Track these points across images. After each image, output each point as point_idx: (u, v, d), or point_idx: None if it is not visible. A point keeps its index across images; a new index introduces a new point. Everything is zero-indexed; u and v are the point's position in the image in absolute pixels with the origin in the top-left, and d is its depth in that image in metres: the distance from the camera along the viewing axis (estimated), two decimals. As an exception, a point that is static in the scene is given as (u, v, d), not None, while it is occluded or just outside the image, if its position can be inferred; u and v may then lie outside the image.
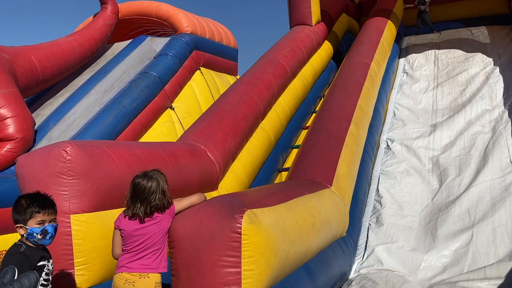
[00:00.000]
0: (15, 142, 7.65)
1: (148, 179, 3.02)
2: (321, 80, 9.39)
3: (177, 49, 10.36)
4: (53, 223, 2.74)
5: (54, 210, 2.78)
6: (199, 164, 4.81)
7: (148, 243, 2.89)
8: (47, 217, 2.71)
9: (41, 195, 2.79)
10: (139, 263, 2.88)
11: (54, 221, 2.75)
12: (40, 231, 2.67)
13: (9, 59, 8.27)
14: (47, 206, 2.73)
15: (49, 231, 2.70)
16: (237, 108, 6.08)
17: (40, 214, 2.69)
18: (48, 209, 2.73)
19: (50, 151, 3.43)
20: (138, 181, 3.03)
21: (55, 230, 2.75)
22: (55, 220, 2.77)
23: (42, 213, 2.70)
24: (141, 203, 2.95)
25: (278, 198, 3.34)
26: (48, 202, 2.77)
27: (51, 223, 2.73)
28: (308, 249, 3.56)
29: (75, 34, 10.46)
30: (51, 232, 2.72)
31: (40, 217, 2.69)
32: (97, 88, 9.74)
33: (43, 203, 2.74)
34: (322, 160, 5.18)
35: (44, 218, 2.70)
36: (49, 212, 2.73)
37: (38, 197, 2.76)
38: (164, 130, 9.76)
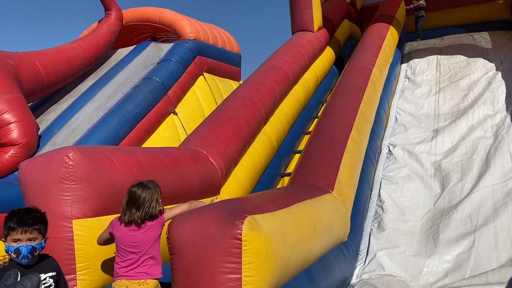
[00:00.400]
0: (19, 147, 7.70)
1: (143, 188, 3.17)
2: (323, 86, 9.42)
3: (181, 55, 10.43)
4: (31, 243, 2.52)
5: (36, 229, 2.54)
6: (201, 169, 4.83)
7: (141, 251, 3.00)
8: (23, 235, 2.51)
9: (26, 211, 2.60)
10: (136, 271, 2.98)
11: (34, 241, 2.53)
12: (13, 250, 2.52)
13: (13, 64, 8.35)
14: (23, 224, 2.52)
15: (21, 251, 2.50)
16: (239, 113, 6.11)
17: (15, 232, 2.52)
18: (25, 228, 2.51)
19: (52, 157, 3.46)
20: (134, 190, 3.18)
21: (30, 251, 2.52)
22: (36, 240, 2.54)
23: (17, 231, 2.52)
24: (136, 210, 3.10)
25: (279, 203, 3.35)
26: (27, 220, 2.54)
27: (29, 243, 2.51)
28: (309, 255, 3.56)
29: (79, 40, 10.55)
30: (24, 253, 2.51)
31: (14, 235, 2.53)
32: (100, 94, 9.81)
33: (21, 220, 2.53)
34: (323, 165, 5.19)
35: (19, 236, 2.51)
36: (26, 230, 2.51)
37: (20, 213, 2.58)
38: (167, 135, 9.81)
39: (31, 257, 2.56)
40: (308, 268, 3.56)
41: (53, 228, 3.35)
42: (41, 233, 2.59)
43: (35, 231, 2.56)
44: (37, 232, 2.57)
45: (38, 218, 2.60)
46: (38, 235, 2.57)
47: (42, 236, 2.60)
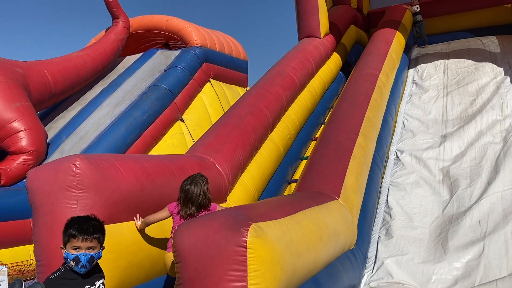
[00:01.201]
0: (27, 155, 7.79)
1: (195, 184, 3.66)
2: (330, 92, 9.40)
3: (187, 62, 10.50)
4: (90, 252, 2.54)
5: (96, 238, 2.57)
6: (208, 177, 4.82)
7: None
8: (83, 243, 2.53)
9: (86, 220, 2.63)
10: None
11: (92, 250, 2.56)
12: (73, 258, 2.52)
13: (22, 73, 8.46)
14: (84, 233, 2.54)
15: (81, 260, 2.52)
16: (246, 120, 6.11)
17: (75, 239, 2.54)
18: (86, 236, 2.53)
19: (59, 165, 3.48)
20: (187, 187, 3.66)
21: (89, 260, 2.54)
22: (95, 249, 2.57)
23: (77, 238, 2.54)
24: (192, 205, 3.59)
25: (284, 211, 3.34)
26: (88, 228, 2.57)
27: (88, 251, 2.54)
28: (316, 262, 3.54)
29: (87, 48, 10.67)
30: (83, 262, 2.52)
31: (75, 242, 2.54)
32: (108, 101, 9.90)
33: (82, 228, 2.55)
34: (329, 171, 5.16)
35: (79, 244, 2.53)
36: (87, 239, 2.54)
37: (81, 221, 2.60)
38: (174, 142, 9.85)
39: (89, 266, 2.57)
40: (315, 276, 3.53)
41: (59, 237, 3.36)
42: (99, 243, 2.62)
43: (95, 240, 2.58)
44: (97, 241, 2.59)
45: (97, 227, 2.62)
46: (97, 244, 2.60)
47: (100, 246, 2.62)
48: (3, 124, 7.70)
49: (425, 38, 11.91)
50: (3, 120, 7.68)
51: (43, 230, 3.42)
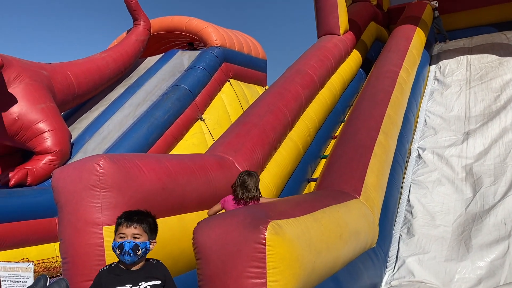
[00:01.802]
0: (52, 155, 7.99)
1: (250, 177, 4.20)
2: (350, 89, 9.33)
3: (207, 62, 10.58)
4: (135, 240, 2.48)
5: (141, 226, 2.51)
6: (228, 176, 4.87)
7: None
8: (127, 230, 2.49)
9: (136, 211, 2.62)
10: None
11: (137, 238, 2.49)
12: (118, 246, 2.48)
13: (47, 75, 8.68)
14: (129, 220, 2.51)
15: (125, 247, 2.45)
16: (265, 119, 6.13)
17: (121, 226, 2.52)
18: (131, 223, 2.49)
19: (83, 165, 3.57)
20: (244, 177, 4.20)
21: (133, 248, 2.46)
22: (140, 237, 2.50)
23: (122, 225, 2.51)
24: (245, 190, 4.13)
25: (303, 209, 3.35)
26: (134, 217, 2.53)
27: (133, 239, 2.47)
28: (336, 260, 3.53)
29: (109, 50, 10.86)
30: (126, 248, 2.45)
31: (120, 229, 2.52)
32: (130, 102, 10.06)
33: (128, 216, 2.53)
34: (350, 170, 5.14)
35: (124, 230, 2.49)
36: (131, 225, 2.49)
37: (130, 211, 2.59)
38: (195, 142, 9.95)
39: (133, 255, 2.48)
40: (335, 274, 3.53)
41: (84, 235, 3.46)
42: (145, 232, 2.54)
43: (139, 227, 2.52)
44: (142, 229, 2.52)
45: (144, 218, 2.57)
46: (143, 233, 2.52)
47: (147, 236, 2.54)
48: (29, 125, 7.92)
49: (445, 34, 11.70)
50: (29, 121, 7.90)
51: (68, 228, 3.51)
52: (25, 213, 6.97)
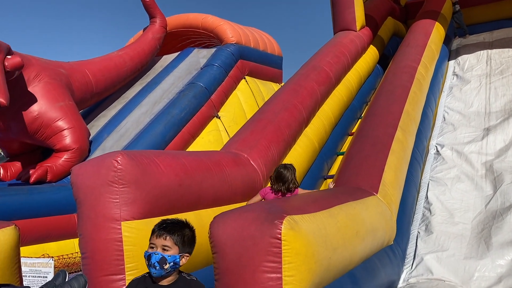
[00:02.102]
0: (71, 152, 8.12)
1: (287, 170, 4.42)
2: (367, 85, 9.24)
3: (223, 59, 10.60)
4: (164, 252, 2.30)
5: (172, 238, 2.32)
6: (243, 173, 4.89)
7: None
8: (157, 240, 2.32)
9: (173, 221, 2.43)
10: None
11: (166, 251, 2.31)
12: (146, 256, 2.32)
13: (66, 74, 8.82)
14: (162, 229, 2.33)
15: (151, 259, 2.28)
16: (280, 116, 6.12)
17: (153, 235, 2.36)
18: (162, 232, 2.32)
19: (102, 161, 3.62)
20: (281, 170, 4.42)
21: (160, 261, 2.28)
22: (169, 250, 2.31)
23: (154, 234, 2.36)
24: (282, 184, 4.37)
25: (319, 205, 3.33)
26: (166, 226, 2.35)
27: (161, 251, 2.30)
28: (352, 257, 3.51)
29: (126, 48, 10.97)
30: (153, 261, 2.28)
31: (152, 238, 2.35)
32: (147, 100, 10.15)
33: (161, 225, 2.36)
34: (367, 167, 5.10)
35: (154, 241, 2.33)
36: (161, 235, 2.31)
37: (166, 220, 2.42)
38: (211, 139, 9.99)
39: (159, 268, 2.30)
40: (351, 271, 3.51)
41: (102, 230, 3.51)
42: (177, 245, 2.35)
43: (170, 238, 2.34)
44: (172, 241, 2.34)
45: (177, 229, 2.38)
46: (173, 245, 2.34)
47: (178, 249, 2.35)
48: (48, 123, 8.06)
49: (465, 28, 11.46)
50: (49, 119, 8.04)
51: (87, 223, 3.57)
52: (45, 209, 7.10)
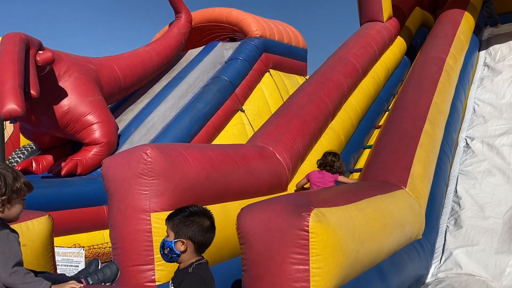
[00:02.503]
0: (100, 146, 8.30)
1: (333, 155, 5.37)
2: (394, 77, 9.09)
3: (247, 53, 10.61)
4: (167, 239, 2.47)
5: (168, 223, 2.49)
6: (269, 166, 4.90)
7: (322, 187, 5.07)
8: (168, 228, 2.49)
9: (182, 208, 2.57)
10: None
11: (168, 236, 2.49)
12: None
13: (95, 69, 9.01)
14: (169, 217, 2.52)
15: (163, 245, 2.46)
16: (306, 109, 6.09)
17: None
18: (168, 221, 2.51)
19: (132, 154, 3.70)
20: (326, 154, 5.43)
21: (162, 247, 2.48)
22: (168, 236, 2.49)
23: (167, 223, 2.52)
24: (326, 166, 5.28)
25: (347, 198, 3.32)
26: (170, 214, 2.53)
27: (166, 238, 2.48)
28: (380, 251, 3.49)
29: (152, 43, 11.10)
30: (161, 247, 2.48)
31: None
32: (173, 94, 10.27)
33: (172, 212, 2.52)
34: (395, 160, 5.03)
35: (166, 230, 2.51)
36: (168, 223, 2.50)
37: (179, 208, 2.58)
38: (235, 132, 10.04)
39: (163, 254, 2.48)
40: (379, 264, 3.49)
41: (132, 221, 3.59)
42: (172, 231, 2.46)
43: (167, 225, 2.51)
44: (169, 227, 2.49)
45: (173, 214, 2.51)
46: (170, 231, 2.48)
47: (173, 235, 2.45)
48: (78, 118, 8.26)
49: (497, 17, 11.07)
50: (79, 114, 8.24)
51: (118, 215, 3.66)
52: (76, 201, 7.30)
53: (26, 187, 2.09)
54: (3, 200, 2.01)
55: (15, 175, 2.06)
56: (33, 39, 7.54)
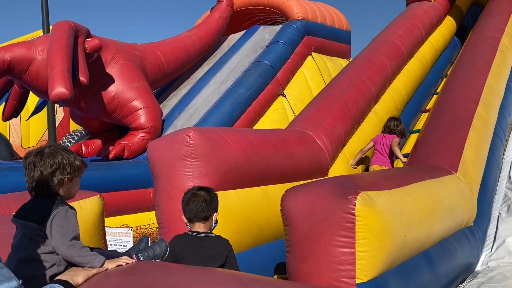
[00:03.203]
0: (146, 131, 8.50)
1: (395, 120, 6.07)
2: (443, 59, 8.70)
3: (289, 36, 10.45)
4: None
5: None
6: (308, 150, 4.85)
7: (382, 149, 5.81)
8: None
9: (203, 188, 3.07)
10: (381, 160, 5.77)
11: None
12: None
13: (139, 55, 9.19)
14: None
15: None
16: (347, 93, 5.96)
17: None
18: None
19: (175, 137, 3.77)
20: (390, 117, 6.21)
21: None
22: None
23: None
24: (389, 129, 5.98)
25: (394, 182, 3.22)
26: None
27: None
28: (428, 236, 3.38)
29: (194, 28, 11.17)
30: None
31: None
32: (215, 79, 10.31)
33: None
34: (445, 144, 4.83)
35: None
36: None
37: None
38: (276, 117, 9.98)
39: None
40: (427, 250, 3.38)
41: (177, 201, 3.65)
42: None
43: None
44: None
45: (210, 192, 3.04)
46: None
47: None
48: (124, 103, 8.48)
49: None
50: (125, 99, 8.46)
51: (163, 195, 3.75)
52: (123, 183, 7.54)
53: (83, 166, 2.16)
54: (68, 179, 2.08)
55: (74, 154, 2.13)
56: (81, 27, 7.78)
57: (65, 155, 2.08)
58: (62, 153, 2.07)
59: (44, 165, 2.02)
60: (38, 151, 2.07)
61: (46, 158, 2.03)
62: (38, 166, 2.03)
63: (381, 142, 5.84)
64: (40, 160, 2.03)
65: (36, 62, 7.55)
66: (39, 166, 2.02)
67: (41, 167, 2.02)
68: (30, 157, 2.05)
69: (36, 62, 7.55)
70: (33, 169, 2.03)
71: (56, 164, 2.04)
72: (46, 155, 2.04)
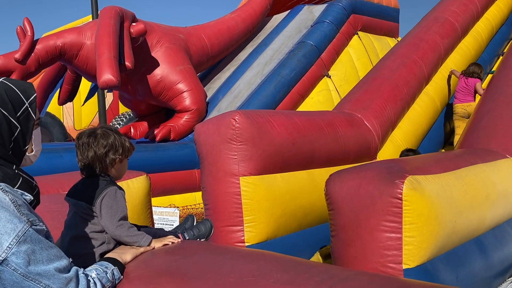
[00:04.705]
0: (191, 113, 8.66)
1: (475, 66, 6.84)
2: (499, 36, 8.20)
3: (334, 15, 10.21)
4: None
5: None
6: (357, 133, 4.76)
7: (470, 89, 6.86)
8: None
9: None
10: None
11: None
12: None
13: (184, 38, 9.30)
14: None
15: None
16: (397, 73, 5.76)
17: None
18: None
19: (221, 120, 3.81)
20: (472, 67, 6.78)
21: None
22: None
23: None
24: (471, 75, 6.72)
25: (444, 166, 3.11)
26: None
27: None
28: (480, 222, 3.25)
29: (238, 10, 11.13)
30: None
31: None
32: (258, 61, 10.28)
33: None
34: (500, 127, 4.59)
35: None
36: None
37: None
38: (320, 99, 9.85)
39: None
40: (478, 237, 3.26)
41: (223, 184, 3.73)
42: None
43: None
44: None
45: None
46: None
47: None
48: (170, 86, 8.65)
49: None
50: (170, 82, 8.63)
51: (209, 177, 3.82)
52: (170, 165, 7.76)
53: (132, 148, 2.23)
54: (119, 160, 2.16)
55: (124, 136, 2.20)
56: (127, 11, 7.96)
57: (117, 137, 2.15)
58: (113, 135, 2.14)
59: (98, 146, 2.09)
60: (91, 132, 2.14)
61: (100, 139, 2.10)
62: (92, 146, 2.09)
63: (463, 86, 6.75)
64: (94, 140, 2.10)
65: (86, 47, 7.83)
66: (93, 146, 2.09)
67: (95, 147, 2.09)
68: (83, 138, 2.11)
69: (85, 47, 7.84)
70: (87, 149, 2.09)
71: (109, 144, 2.10)
72: (99, 135, 2.11)
